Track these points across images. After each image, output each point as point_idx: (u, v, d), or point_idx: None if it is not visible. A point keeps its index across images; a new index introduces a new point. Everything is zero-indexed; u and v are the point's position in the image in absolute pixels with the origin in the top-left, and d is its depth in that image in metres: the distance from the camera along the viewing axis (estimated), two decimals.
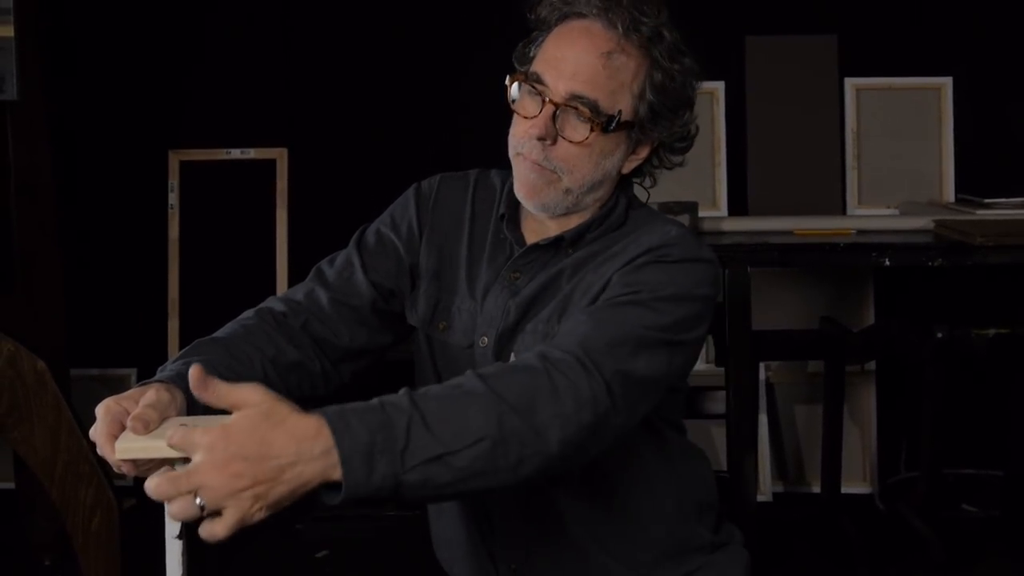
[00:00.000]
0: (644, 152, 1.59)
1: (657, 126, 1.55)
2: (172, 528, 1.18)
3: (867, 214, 3.61)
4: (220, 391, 1.17)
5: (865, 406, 3.74)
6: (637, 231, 1.57)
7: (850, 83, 3.71)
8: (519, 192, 1.57)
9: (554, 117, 1.50)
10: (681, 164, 1.64)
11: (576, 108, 1.49)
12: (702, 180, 3.69)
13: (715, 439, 3.64)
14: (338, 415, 1.16)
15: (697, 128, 1.62)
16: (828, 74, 3.70)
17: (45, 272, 3.07)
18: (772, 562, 3.18)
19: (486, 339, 1.59)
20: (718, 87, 3.71)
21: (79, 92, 3.77)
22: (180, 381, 1.36)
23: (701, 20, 3.66)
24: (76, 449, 2.66)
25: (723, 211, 3.67)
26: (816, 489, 3.66)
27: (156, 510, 1.18)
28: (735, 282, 2.95)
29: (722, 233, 3.27)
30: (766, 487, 3.68)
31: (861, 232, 3.22)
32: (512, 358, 1.57)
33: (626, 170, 1.59)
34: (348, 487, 1.15)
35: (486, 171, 1.72)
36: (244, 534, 1.17)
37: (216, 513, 1.13)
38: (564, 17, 1.54)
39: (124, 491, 3.37)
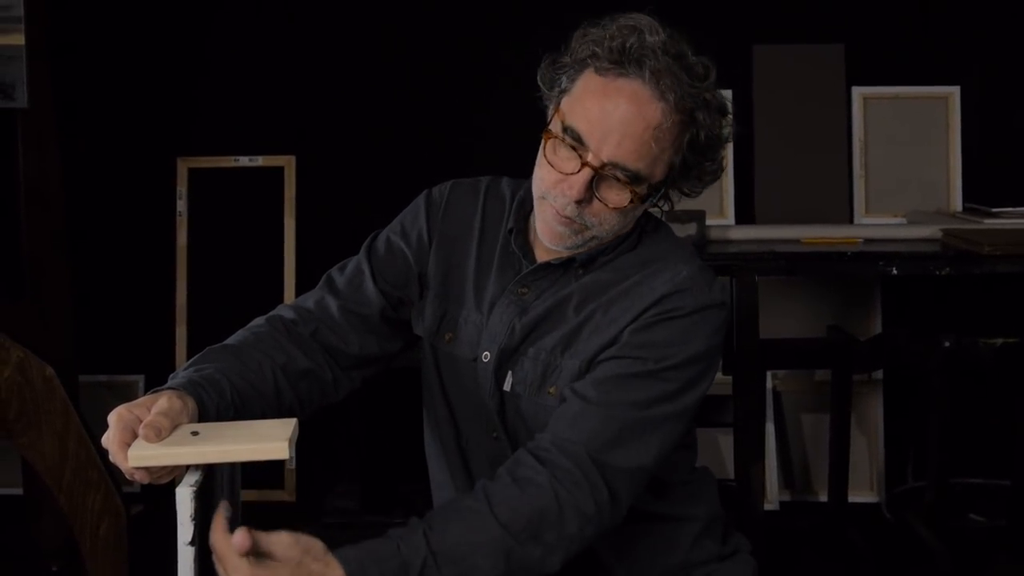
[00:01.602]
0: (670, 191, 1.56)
1: (688, 176, 1.53)
2: (184, 534, 1.18)
3: (874, 223, 3.61)
4: (261, 541, 1.23)
5: (872, 415, 3.73)
6: (649, 264, 1.55)
7: (857, 92, 3.71)
8: (542, 234, 1.54)
9: (592, 178, 1.45)
10: (700, 193, 1.61)
11: (614, 175, 1.45)
12: (709, 188, 3.67)
13: (722, 448, 3.64)
14: (358, 565, 1.25)
15: (723, 168, 1.58)
16: (835, 83, 3.71)
17: (54, 279, 3.07)
18: (779, 571, 3.17)
19: (488, 355, 1.58)
20: (726, 95, 3.70)
21: (88, 100, 3.78)
22: (191, 388, 1.37)
23: (709, 28, 3.66)
24: (84, 455, 2.67)
25: (730, 219, 3.67)
26: (823, 498, 3.65)
27: (164, 516, 1.19)
28: (742, 291, 2.95)
29: (729, 241, 3.27)
30: (773, 496, 3.67)
31: (868, 241, 3.22)
32: (508, 377, 1.56)
33: (650, 207, 1.57)
34: None
35: (497, 179, 1.70)
36: None
37: None
38: (606, 69, 1.45)
39: (132, 497, 3.38)
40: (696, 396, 1.50)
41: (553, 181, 1.48)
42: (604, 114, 1.43)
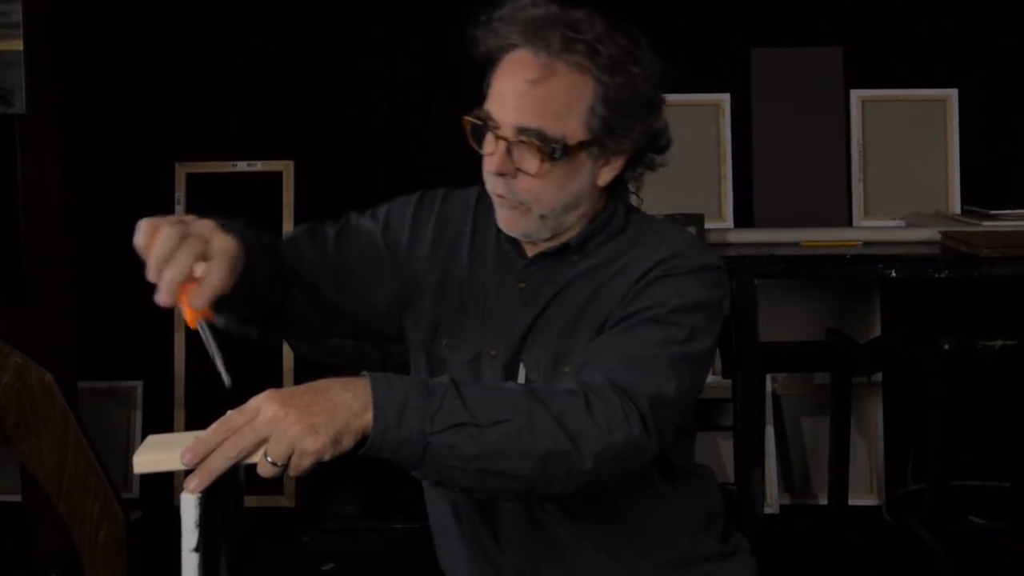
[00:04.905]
0: (618, 162, 1.56)
1: (617, 137, 1.52)
2: (189, 541, 1.18)
3: (873, 225, 3.61)
4: None
5: (872, 418, 3.73)
6: (643, 240, 1.57)
7: (856, 95, 3.71)
8: (500, 224, 1.58)
9: (509, 151, 1.50)
10: (663, 164, 1.61)
11: (524, 141, 1.48)
12: (708, 192, 3.69)
13: (722, 451, 3.64)
14: (381, 374, 1.25)
15: (665, 125, 1.57)
16: (834, 86, 3.71)
17: (53, 285, 3.07)
18: (779, 574, 3.17)
19: (495, 351, 1.58)
20: (724, 99, 3.71)
21: (87, 105, 3.78)
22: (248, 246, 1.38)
23: (707, 32, 3.67)
24: (83, 462, 2.67)
25: (729, 223, 3.67)
26: (823, 501, 3.65)
27: (162, 523, 1.19)
28: (742, 294, 2.95)
29: (728, 245, 3.27)
30: (773, 499, 3.67)
31: (867, 244, 3.22)
32: (521, 369, 1.56)
33: (603, 182, 1.56)
34: (376, 431, 1.21)
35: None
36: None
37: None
38: (500, 50, 1.53)
39: (131, 503, 3.38)
40: (704, 346, 1.48)
41: (485, 166, 1.55)
42: (501, 86, 1.52)
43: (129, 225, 1.34)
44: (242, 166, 3.81)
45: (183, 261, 1.26)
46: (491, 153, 1.52)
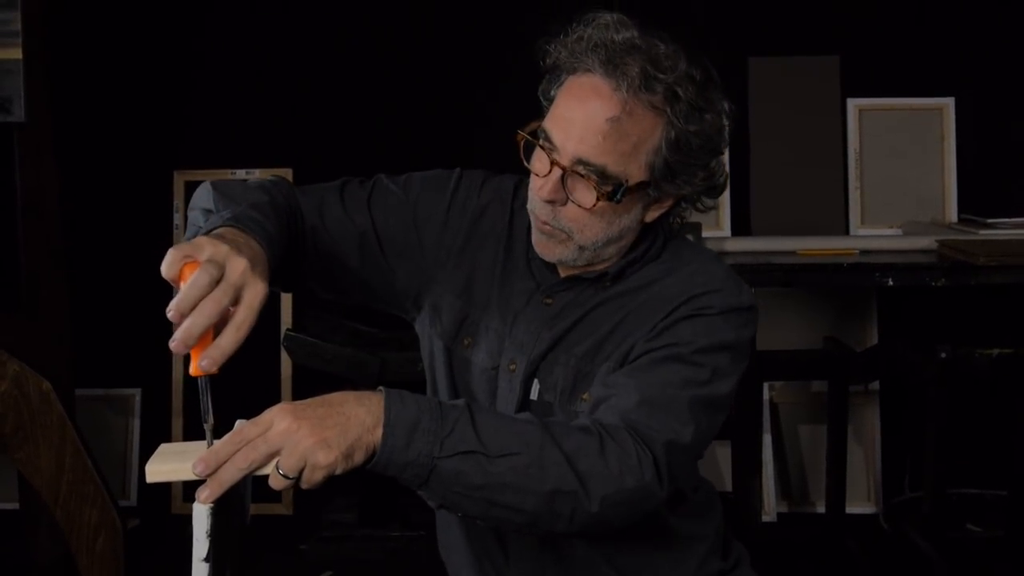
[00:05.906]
0: (668, 202, 1.52)
1: (676, 181, 1.48)
2: (200, 550, 1.18)
3: (870, 234, 3.61)
4: None
5: (869, 426, 3.73)
6: (677, 269, 1.54)
7: (853, 103, 3.72)
8: (535, 246, 1.53)
9: (563, 179, 1.44)
10: (713, 207, 1.58)
11: (582, 174, 1.43)
12: None
13: (720, 460, 3.64)
14: (396, 391, 1.25)
15: (726, 175, 1.54)
16: (831, 95, 3.72)
17: (50, 292, 3.07)
18: None
19: (515, 365, 1.55)
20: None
21: (85, 113, 3.79)
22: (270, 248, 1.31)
23: (704, 41, 3.67)
24: (80, 469, 2.67)
25: (726, 231, 3.67)
26: (820, 509, 3.65)
27: (160, 531, 1.18)
28: None
29: (725, 253, 3.27)
30: (770, 507, 3.67)
31: (864, 252, 3.23)
32: (535, 385, 1.54)
33: (649, 219, 1.53)
34: (384, 449, 1.21)
35: (525, 181, 1.61)
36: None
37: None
38: (573, 70, 1.46)
39: (128, 511, 3.38)
40: (726, 387, 1.46)
41: (535, 188, 1.49)
42: (569, 111, 1.44)
43: (127, 233, 1.34)
44: (241, 174, 3.81)
45: (209, 313, 1.18)
46: (543, 175, 1.46)
